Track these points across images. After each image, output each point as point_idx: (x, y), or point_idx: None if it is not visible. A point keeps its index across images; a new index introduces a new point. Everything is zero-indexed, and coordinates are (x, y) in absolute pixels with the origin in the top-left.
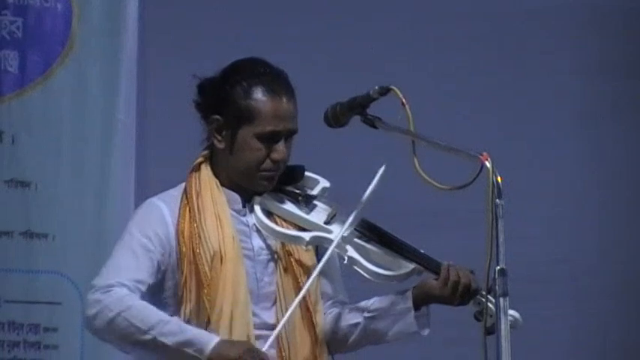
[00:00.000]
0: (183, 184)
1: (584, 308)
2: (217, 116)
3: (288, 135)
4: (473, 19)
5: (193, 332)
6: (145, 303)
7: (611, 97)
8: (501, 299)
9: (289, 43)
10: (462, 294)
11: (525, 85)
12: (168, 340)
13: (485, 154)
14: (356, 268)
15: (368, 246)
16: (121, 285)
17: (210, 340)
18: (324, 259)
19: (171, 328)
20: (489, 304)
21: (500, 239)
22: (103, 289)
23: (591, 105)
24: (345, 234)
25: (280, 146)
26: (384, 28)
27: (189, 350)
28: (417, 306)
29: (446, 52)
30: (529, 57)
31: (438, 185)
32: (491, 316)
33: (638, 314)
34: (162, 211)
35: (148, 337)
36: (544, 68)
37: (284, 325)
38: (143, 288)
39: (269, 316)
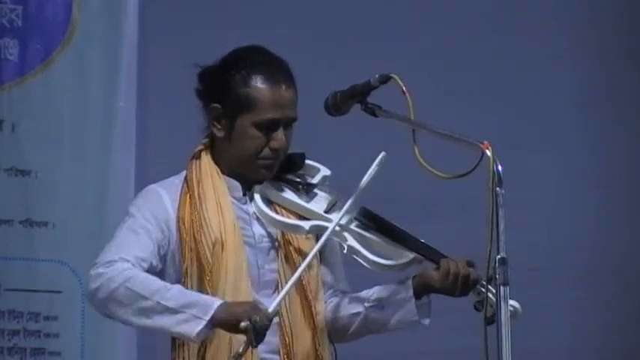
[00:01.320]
0: (184, 172)
1: (584, 296)
2: (216, 104)
3: (287, 123)
4: (471, 10)
5: (196, 295)
6: (145, 273)
7: (611, 86)
8: (502, 288)
9: (289, 31)
10: (462, 285)
11: (525, 74)
12: (171, 303)
13: (485, 142)
14: (355, 257)
15: (368, 235)
16: (124, 260)
17: (214, 301)
18: (318, 245)
19: (174, 292)
20: (489, 295)
21: (501, 228)
22: (105, 264)
23: (591, 93)
24: (343, 221)
25: (279, 134)
26: (384, 17)
27: (192, 311)
28: (417, 295)
29: (444, 44)
30: (529, 46)
31: (439, 174)
32: (491, 306)
33: (637, 297)
34: (161, 197)
35: (150, 302)
36: (544, 57)
37: (287, 315)
38: (145, 265)
39: (270, 303)
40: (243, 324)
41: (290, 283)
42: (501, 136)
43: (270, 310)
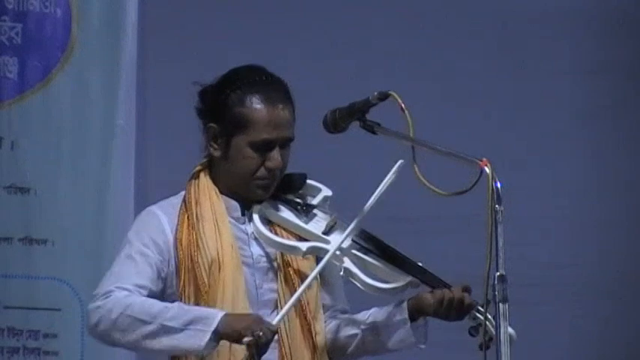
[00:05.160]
0: (183, 192)
1: (583, 311)
2: (213, 124)
3: (283, 143)
4: (472, 22)
5: (198, 310)
6: (144, 298)
7: (610, 99)
8: (501, 305)
9: (289, 48)
10: (457, 310)
11: (524, 88)
12: (175, 323)
13: (484, 159)
14: (351, 279)
15: (365, 257)
16: (121, 289)
17: (217, 314)
18: (316, 270)
19: (175, 311)
20: (485, 321)
21: (500, 245)
22: (102, 296)
23: (591, 107)
24: (343, 246)
25: (275, 154)
26: (383, 32)
27: (197, 327)
28: (413, 317)
29: (445, 55)
30: (529, 59)
31: (438, 191)
32: (486, 331)
33: (638, 317)
34: (160, 219)
35: (154, 326)
36: (544, 70)
37: (286, 334)
38: (144, 292)
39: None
40: (246, 339)
41: (293, 298)
42: (500, 149)
43: (275, 322)
